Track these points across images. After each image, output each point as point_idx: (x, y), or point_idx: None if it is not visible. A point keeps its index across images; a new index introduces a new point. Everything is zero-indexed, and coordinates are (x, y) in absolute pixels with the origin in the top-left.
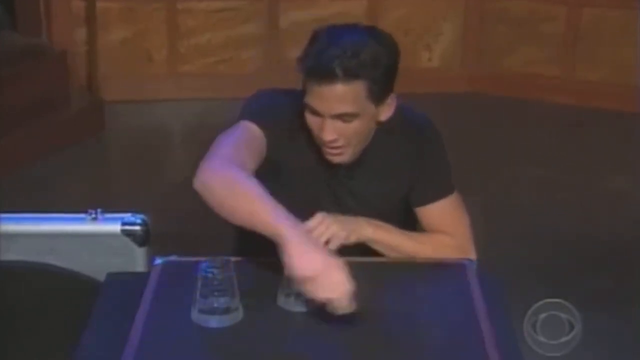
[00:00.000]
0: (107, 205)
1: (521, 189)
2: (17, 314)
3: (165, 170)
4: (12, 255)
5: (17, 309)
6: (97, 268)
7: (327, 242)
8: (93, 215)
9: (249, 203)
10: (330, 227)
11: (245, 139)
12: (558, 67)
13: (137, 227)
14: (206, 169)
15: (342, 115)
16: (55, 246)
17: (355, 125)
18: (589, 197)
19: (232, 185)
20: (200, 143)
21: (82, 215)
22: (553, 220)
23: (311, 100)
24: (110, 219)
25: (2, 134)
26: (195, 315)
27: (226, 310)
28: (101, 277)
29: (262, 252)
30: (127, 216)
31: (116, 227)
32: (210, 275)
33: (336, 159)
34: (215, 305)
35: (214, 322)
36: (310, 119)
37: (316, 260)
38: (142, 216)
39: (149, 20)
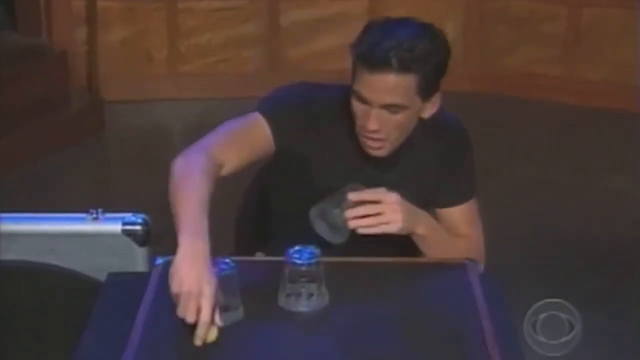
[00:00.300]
0: (108, 205)
1: (521, 188)
2: (17, 314)
3: (166, 170)
4: (13, 255)
5: (18, 309)
6: (97, 268)
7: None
8: (94, 215)
9: (180, 203)
10: (396, 212)
11: (243, 134)
12: (558, 66)
13: (138, 227)
14: (184, 153)
15: (391, 106)
16: (56, 246)
17: (400, 117)
18: (589, 197)
19: (182, 180)
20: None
21: (82, 215)
22: (553, 220)
23: (361, 88)
24: (111, 218)
25: (2, 134)
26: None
27: (226, 309)
28: (102, 277)
29: (261, 252)
30: (128, 216)
31: (117, 227)
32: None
33: (375, 152)
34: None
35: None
36: (357, 106)
37: (187, 278)
38: (143, 216)
39: (149, 20)
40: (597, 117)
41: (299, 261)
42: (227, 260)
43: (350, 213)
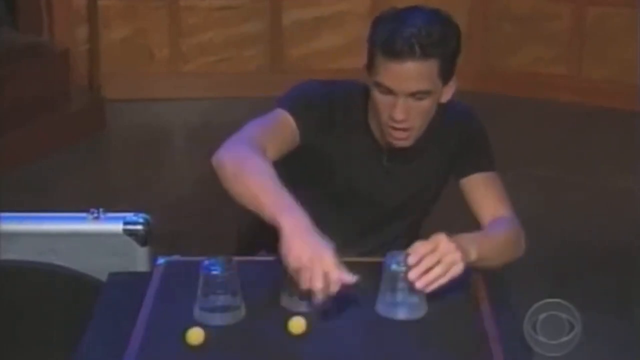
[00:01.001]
0: (109, 204)
1: (526, 188)
2: (18, 314)
3: (167, 169)
4: (13, 254)
5: (19, 309)
6: (98, 268)
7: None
8: (95, 215)
9: (255, 185)
10: (453, 252)
11: (273, 126)
12: (563, 65)
13: (139, 227)
14: (224, 146)
15: (417, 93)
16: (57, 246)
17: (425, 104)
18: (594, 196)
19: (243, 164)
20: (202, 142)
21: (83, 215)
22: (558, 220)
23: (386, 79)
24: (112, 218)
25: (3, 133)
26: (197, 313)
27: (227, 309)
28: (103, 276)
29: (264, 251)
30: (129, 215)
31: (118, 227)
32: (212, 273)
33: (401, 143)
34: (217, 303)
35: (216, 320)
36: (381, 99)
37: (304, 251)
38: (144, 215)
39: (151, 18)
40: (601, 117)
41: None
42: (228, 259)
43: (413, 275)
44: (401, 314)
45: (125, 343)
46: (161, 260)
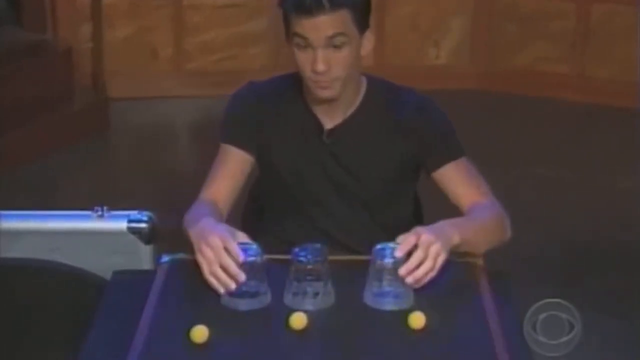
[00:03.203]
0: (113, 202)
1: (529, 187)
2: (22, 312)
3: (171, 168)
4: (17, 253)
5: (23, 307)
6: (102, 266)
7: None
8: (99, 213)
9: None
10: (434, 244)
11: (221, 168)
12: (567, 64)
13: (144, 225)
14: (185, 217)
15: (334, 36)
16: (61, 244)
17: (345, 53)
18: (597, 195)
19: (192, 224)
20: (206, 140)
21: (87, 213)
22: (561, 219)
23: (302, 31)
24: (116, 216)
25: (7, 131)
26: (225, 299)
27: (255, 294)
28: (107, 275)
29: (268, 249)
30: (133, 213)
31: (122, 225)
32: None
33: (325, 92)
34: (245, 289)
35: (243, 304)
36: (301, 55)
37: (208, 240)
38: (148, 213)
39: (155, 17)
40: (605, 115)
41: (304, 259)
42: (254, 246)
43: (404, 271)
44: (388, 305)
45: (129, 341)
46: (165, 259)
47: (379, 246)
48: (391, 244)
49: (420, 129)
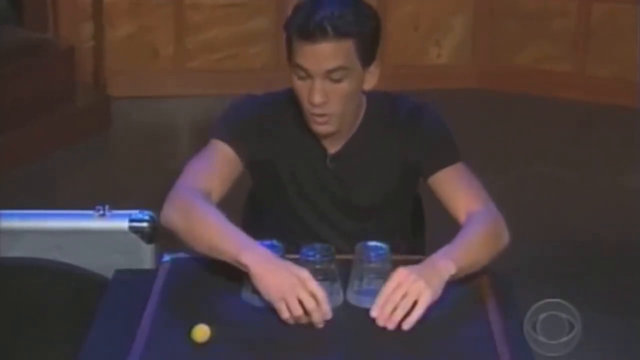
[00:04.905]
0: (115, 201)
1: (530, 185)
2: (24, 311)
3: (173, 167)
4: (19, 252)
5: (25, 306)
6: (104, 265)
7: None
8: (100, 212)
9: (207, 235)
10: (416, 282)
11: (210, 162)
12: (569, 63)
13: (145, 224)
14: (168, 201)
15: (333, 70)
16: (62, 243)
17: (344, 86)
18: (599, 194)
19: (190, 218)
20: (207, 139)
21: (89, 212)
22: (562, 218)
23: (301, 60)
24: (118, 215)
25: (8, 130)
26: (246, 295)
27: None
28: (109, 274)
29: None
30: (135, 213)
31: (124, 224)
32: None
33: (322, 128)
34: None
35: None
36: (300, 85)
37: (282, 280)
38: (149, 213)
39: (156, 15)
40: (607, 114)
41: (312, 259)
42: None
43: (381, 321)
44: (367, 303)
45: (130, 340)
46: (167, 258)
47: (361, 244)
48: (373, 243)
49: (415, 136)
